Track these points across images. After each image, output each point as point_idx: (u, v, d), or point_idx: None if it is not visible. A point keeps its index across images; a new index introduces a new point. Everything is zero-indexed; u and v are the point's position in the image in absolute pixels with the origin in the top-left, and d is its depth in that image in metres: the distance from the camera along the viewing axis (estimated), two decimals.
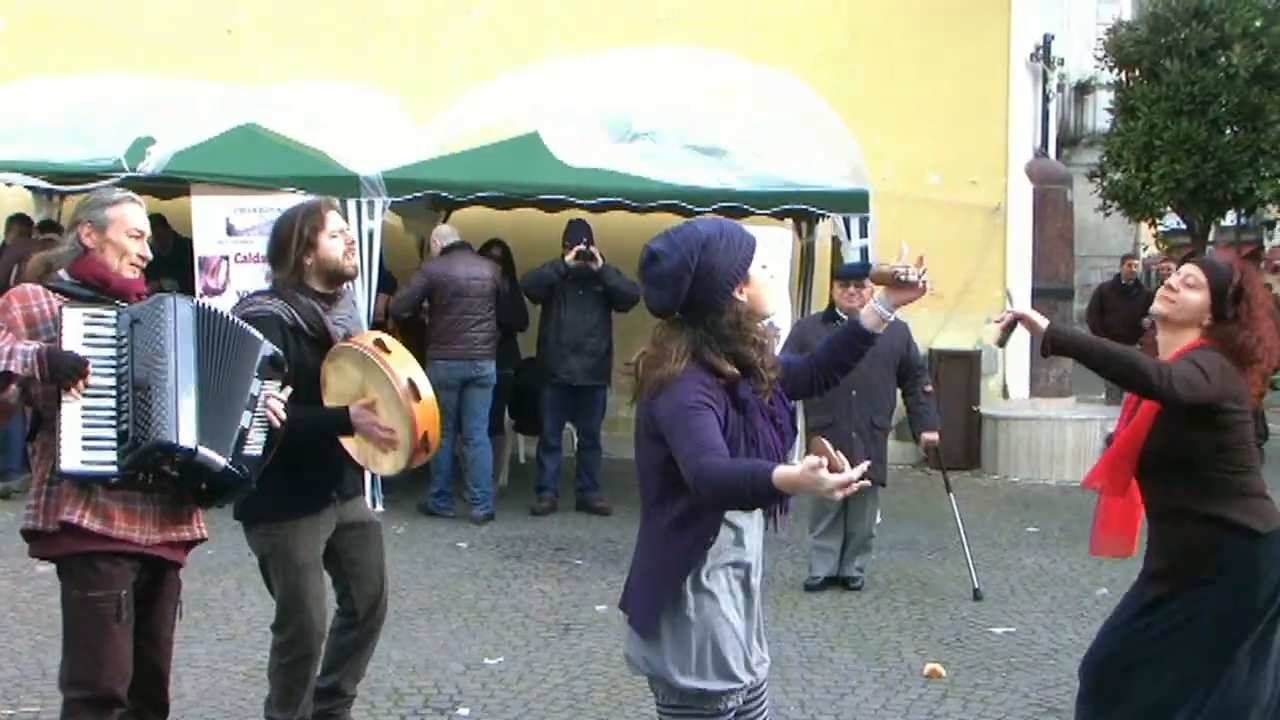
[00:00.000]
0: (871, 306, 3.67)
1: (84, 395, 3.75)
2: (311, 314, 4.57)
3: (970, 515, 8.03)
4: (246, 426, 4.00)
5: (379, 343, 4.48)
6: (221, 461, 3.90)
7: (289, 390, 4.21)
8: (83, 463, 3.76)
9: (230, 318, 4.15)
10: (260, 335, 4.17)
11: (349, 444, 4.61)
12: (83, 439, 3.75)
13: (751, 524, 3.45)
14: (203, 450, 3.85)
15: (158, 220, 9.06)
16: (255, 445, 4.05)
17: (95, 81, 10.47)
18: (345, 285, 4.77)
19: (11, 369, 3.66)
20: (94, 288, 3.97)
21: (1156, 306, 4.13)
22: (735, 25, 12.30)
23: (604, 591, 7.54)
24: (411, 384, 4.38)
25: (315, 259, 4.59)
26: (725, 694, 3.38)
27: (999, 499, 11.10)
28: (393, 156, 9.74)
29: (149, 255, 4.10)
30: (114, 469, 3.80)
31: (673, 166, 9.59)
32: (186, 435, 3.82)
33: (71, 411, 3.75)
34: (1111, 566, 8.45)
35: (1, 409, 3.89)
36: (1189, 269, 4.08)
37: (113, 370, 3.83)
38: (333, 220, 4.65)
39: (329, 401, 4.54)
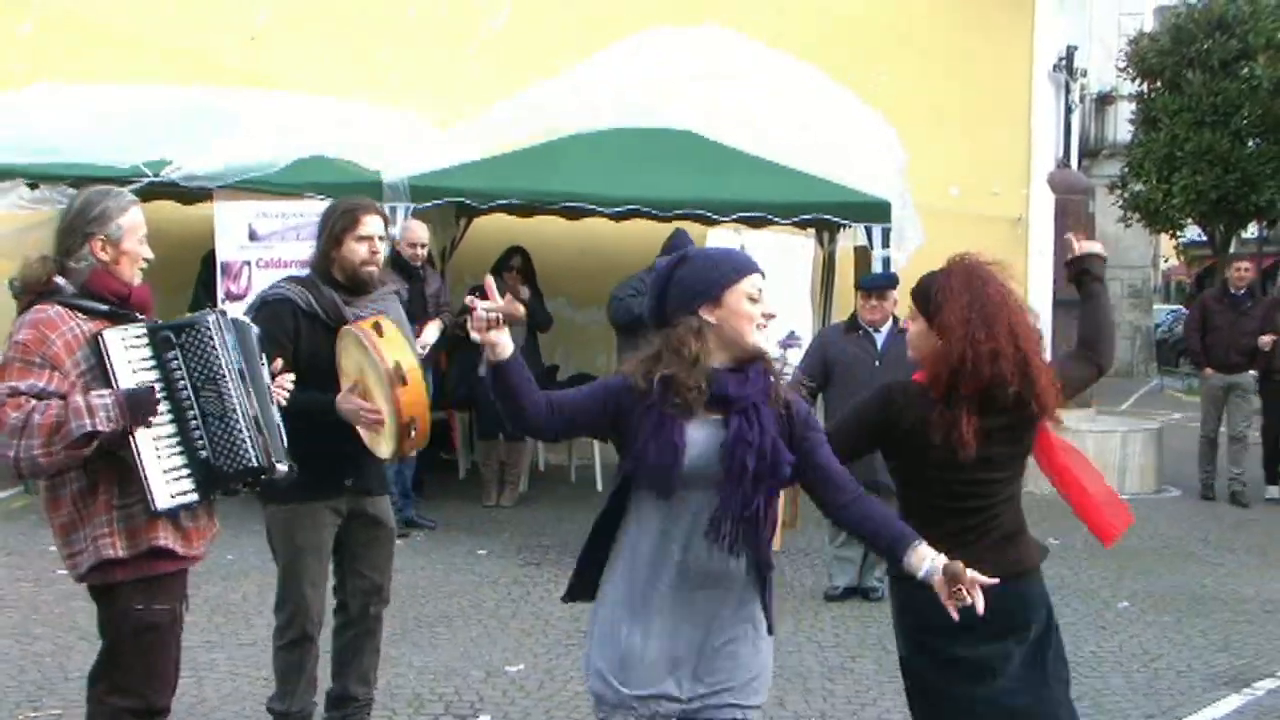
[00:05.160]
0: (925, 567, 3.27)
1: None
2: (330, 304, 4.64)
3: None
4: (279, 421, 3.95)
5: (376, 326, 4.52)
6: (291, 472, 3.90)
7: (281, 365, 4.13)
8: (171, 496, 3.63)
9: (244, 319, 4.05)
10: (248, 319, 4.08)
11: (360, 428, 4.63)
12: (162, 472, 3.62)
13: (680, 530, 3.25)
14: (279, 466, 3.82)
15: None
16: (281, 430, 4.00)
17: (117, 89, 10.49)
18: (374, 286, 4.77)
19: (98, 427, 3.47)
20: (111, 303, 3.73)
21: None
22: (758, 28, 12.24)
23: None
24: (397, 367, 4.40)
25: (339, 256, 4.68)
26: (597, 701, 3.33)
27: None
28: (416, 163, 9.75)
29: (151, 255, 3.89)
30: (196, 497, 3.69)
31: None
32: (267, 456, 3.77)
33: (146, 445, 3.59)
34: (1133, 579, 8.43)
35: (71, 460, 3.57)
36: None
37: (163, 392, 3.65)
38: (366, 225, 4.68)
39: (342, 382, 4.57)
